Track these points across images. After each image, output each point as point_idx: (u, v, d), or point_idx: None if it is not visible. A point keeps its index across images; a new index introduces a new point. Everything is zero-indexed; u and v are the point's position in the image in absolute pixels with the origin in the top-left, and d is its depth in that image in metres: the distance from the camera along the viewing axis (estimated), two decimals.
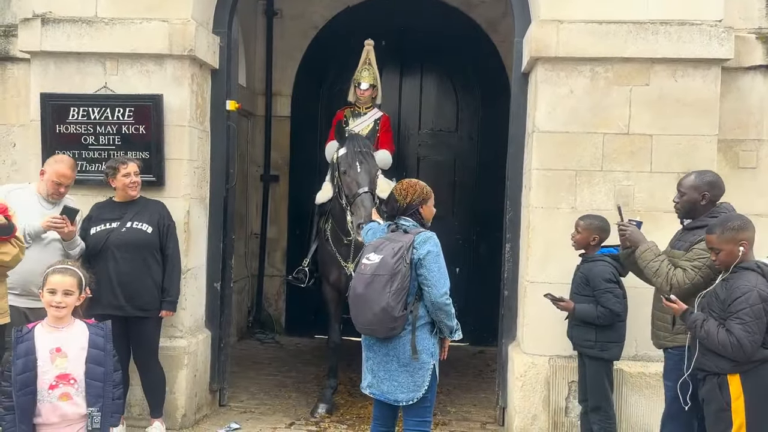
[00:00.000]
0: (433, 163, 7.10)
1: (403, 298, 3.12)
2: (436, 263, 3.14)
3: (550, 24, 4.13)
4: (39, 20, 4.39)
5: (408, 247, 3.14)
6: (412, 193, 3.32)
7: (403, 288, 3.11)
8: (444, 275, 3.17)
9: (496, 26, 6.86)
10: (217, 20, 4.71)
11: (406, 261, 3.12)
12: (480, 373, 6.02)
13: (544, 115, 4.19)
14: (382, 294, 3.10)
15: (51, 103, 4.39)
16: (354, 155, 4.61)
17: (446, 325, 3.23)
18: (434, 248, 3.16)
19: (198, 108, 4.57)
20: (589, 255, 3.82)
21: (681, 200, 3.40)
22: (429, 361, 3.19)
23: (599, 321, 3.68)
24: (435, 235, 3.23)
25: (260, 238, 7.22)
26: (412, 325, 3.16)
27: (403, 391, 3.18)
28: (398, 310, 3.10)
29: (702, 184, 3.33)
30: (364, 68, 5.55)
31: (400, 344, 3.17)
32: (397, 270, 3.10)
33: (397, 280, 3.10)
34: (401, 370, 3.18)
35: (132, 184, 4.04)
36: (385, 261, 3.13)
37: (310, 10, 7.10)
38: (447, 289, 3.15)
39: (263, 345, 6.79)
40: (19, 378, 2.74)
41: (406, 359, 3.16)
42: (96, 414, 2.80)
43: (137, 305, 3.96)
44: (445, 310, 3.17)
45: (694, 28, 4.07)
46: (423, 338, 3.18)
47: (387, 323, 3.13)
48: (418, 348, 3.14)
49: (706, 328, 2.93)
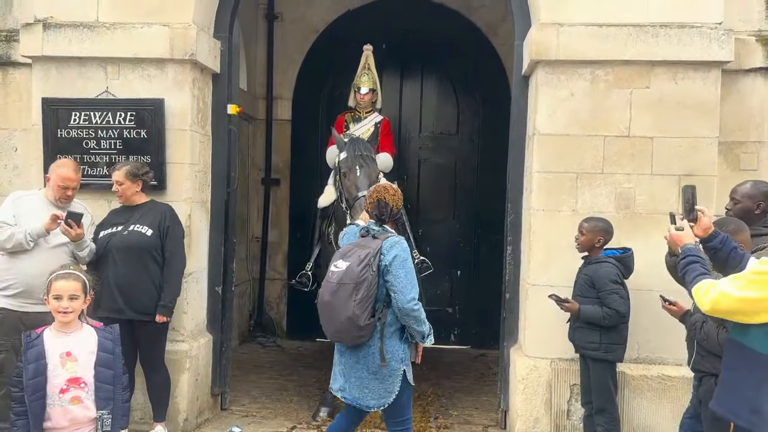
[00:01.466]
0: (434, 166, 7.10)
1: (369, 307, 3.11)
2: (402, 269, 3.11)
3: (550, 27, 4.14)
4: (40, 25, 4.41)
5: (375, 254, 3.13)
6: (400, 197, 3.36)
7: (369, 297, 3.10)
8: (411, 281, 3.13)
9: (497, 29, 6.88)
10: (218, 24, 4.72)
11: (372, 268, 3.11)
12: (482, 376, 6.01)
13: (544, 117, 4.20)
14: (347, 303, 3.10)
15: (52, 107, 4.41)
16: (354, 159, 4.62)
17: (416, 331, 3.19)
18: (401, 253, 3.14)
19: (199, 112, 4.58)
20: (593, 257, 3.82)
21: (734, 208, 3.37)
22: (399, 367, 3.18)
23: (605, 322, 3.68)
24: (403, 239, 3.23)
25: (261, 241, 7.22)
26: (380, 332, 3.15)
27: (374, 398, 3.19)
28: (363, 319, 3.10)
29: (758, 193, 3.33)
30: (363, 73, 5.58)
31: (369, 352, 3.17)
32: (363, 278, 3.09)
33: (363, 288, 3.09)
34: (371, 377, 3.17)
35: (116, 192, 4.05)
36: (351, 269, 3.13)
37: (310, 13, 7.11)
38: (415, 295, 3.11)
39: (264, 348, 6.79)
40: (31, 383, 2.76)
41: (375, 366, 3.16)
42: (107, 417, 2.83)
43: (136, 308, 3.95)
44: (413, 315, 3.13)
45: (694, 30, 4.08)
46: (392, 345, 3.17)
47: (353, 332, 3.13)
48: (386, 356, 3.13)
49: (705, 329, 2.94)
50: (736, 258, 2.70)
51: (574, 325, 3.85)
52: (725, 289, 2.39)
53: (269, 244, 7.23)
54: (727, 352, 2.57)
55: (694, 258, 2.65)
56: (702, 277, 2.55)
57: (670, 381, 4.08)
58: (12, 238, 3.74)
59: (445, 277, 6.95)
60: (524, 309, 4.33)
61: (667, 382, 4.09)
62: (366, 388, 3.19)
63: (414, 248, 5.48)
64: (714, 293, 2.42)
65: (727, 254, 2.73)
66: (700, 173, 4.10)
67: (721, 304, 2.41)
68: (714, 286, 2.45)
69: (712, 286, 2.46)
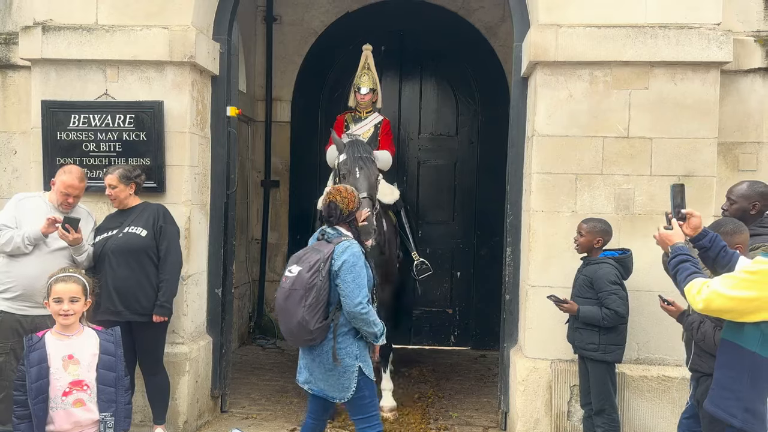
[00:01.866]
0: (433, 167, 7.11)
1: (319, 311, 3.19)
2: (350, 273, 3.16)
3: (549, 28, 4.14)
4: (40, 28, 4.41)
5: (326, 259, 3.20)
6: (352, 200, 3.37)
7: (319, 302, 3.18)
8: (359, 285, 3.16)
9: (496, 31, 6.89)
10: (217, 27, 4.73)
11: (322, 274, 3.18)
12: (482, 377, 6.01)
13: (543, 119, 4.20)
14: (297, 308, 3.18)
15: (52, 110, 4.41)
16: (354, 161, 4.62)
17: (367, 333, 3.26)
18: (351, 258, 3.18)
19: (198, 114, 4.58)
20: (593, 258, 3.83)
21: (730, 208, 3.39)
22: (353, 364, 3.26)
23: (604, 323, 3.69)
24: (355, 244, 3.26)
25: (261, 243, 7.22)
26: (333, 332, 3.23)
27: (335, 391, 3.29)
28: (313, 324, 3.18)
29: (754, 193, 3.34)
30: (363, 73, 5.58)
31: (323, 351, 3.26)
32: (312, 284, 3.17)
33: (312, 294, 3.17)
34: (328, 374, 3.28)
35: (109, 196, 4.05)
36: (301, 275, 3.21)
37: (309, 15, 7.12)
38: (362, 299, 3.15)
39: (264, 350, 6.79)
40: (34, 386, 2.77)
41: (330, 365, 3.25)
42: (109, 419, 2.83)
43: (134, 310, 3.94)
44: (361, 318, 3.19)
45: (693, 31, 4.08)
46: (345, 343, 3.24)
47: (303, 335, 3.23)
48: (339, 354, 3.22)
49: (702, 330, 2.94)
50: (726, 257, 2.71)
51: (573, 326, 3.85)
52: (718, 288, 2.40)
53: (269, 246, 7.23)
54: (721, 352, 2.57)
55: (684, 257, 2.65)
56: (694, 275, 2.55)
57: (670, 382, 4.08)
58: (11, 242, 3.75)
59: (444, 278, 6.96)
60: (524, 310, 4.33)
61: (667, 383, 4.09)
62: (326, 382, 3.31)
63: (414, 250, 5.49)
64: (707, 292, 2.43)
65: (716, 253, 2.74)
66: (699, 174, 4.11)
67: (714, 303, 2.42)
68: (706, 285, 2.46)
69: (705, 285, 2.46)
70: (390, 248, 5.16)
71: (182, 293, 4.38)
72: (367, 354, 3.31)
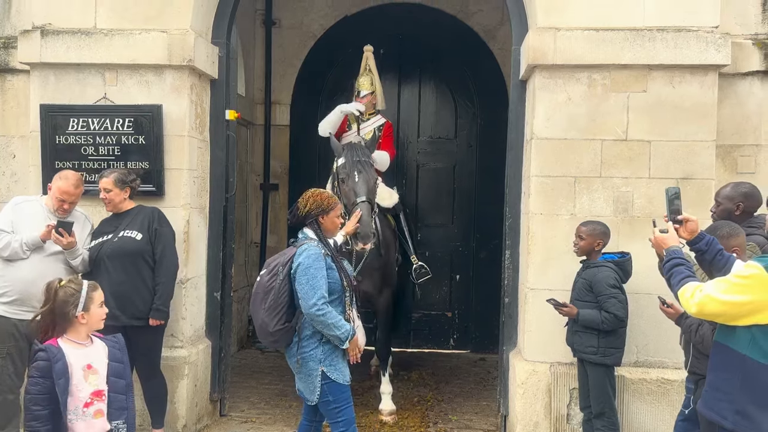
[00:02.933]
0: (433, 171, 7.11)
1: (279, 314, 3.25)
2: (305, 275, 3.19)
3: (547, 32, 4.15)
4: (38, 32, 4.41)
5: (286, 262, 3.28)
6: (311, 202, 3.39)
7: (277, 304, 3.25)
8: (313, 287, 3.18)
9: (494, 34, 6.90)
10: (216, 30, 4.73)
11: (280, 277, 3.25)
12: (481, 380, 6.00)
13: (542, 122, 4.21)
14: (259, 310, 3.29)
15: (50, 114, 4.41)
16: (353, 165, 4.63)
17: (329, 335, 3.25)
18: (305, 260, 3.21)
19: (197, 118, 4.58)
20: (592, 261, 3.83)
21: (717, 210, 3.44)
22: (316, 368, 3.28)
23: (604, 326, 3.69)
24: (313, 246, 3.26)
25: (260, 246, 7.22)
26: (298, 335, 3.29)
27: (307, 393, 3.34)
28: (273, 326, 3.25)
29: (737, 194, 3.39)
30: (363, 75, 5.60)
31: (291, 354, 3.35)
32: (270, 287, 3.27)
33: (270, 297, 3.26)
34: (298, 376, 3.36)
35: (103, 199, 4.04)
36: (262, 278, 3.32)
37: (308, 19, 7.13)
38: (317, 300, 3.16)
39: (263, 354, 6.78)
40: (64, 398, 2.66)
41: (297, 367, 3.32)
42: (122, 427, 2.81)
43: (131, 314, 3.93)
44: (318, 320, 3.20)
45: (691, 34, 4.09)
46: (309, 347, 3.28)
47: (266, 337, 3.32)
48: (303, 357, 3.27)
49: (701, 332, 2.94)
50: (722, 260, 2.72)
51: (572, 329, 3.84)
52: (711, 293, 2.42)
53: (268, 249, 7.22)
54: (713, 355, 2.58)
55: (679, 260, 2.66)
56: (687, 279, 2.57)
57: (669, 384, 4.08)
58: (8, 247, 3.75)
59: (444, 281, 6.95)
60: (523, 313, 4.33)
61: (666, 386, 4.08)
62: (301, 383, 3.37)
63: (413, 253, 5.49)
64: (700, 296, 2.45)
65: (713, 256, 2.75)
66: (697, 176, 4.11)
67: (707, 307, 2.43)
68: (699, 289, 2.47)
69: (698, 289, 2.48)
70: (389, 252, 5.16)
71: (181, 297, 4.37)
72: (336, 358, 3.29)
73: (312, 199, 3.40)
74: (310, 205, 3.38)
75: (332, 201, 3.44)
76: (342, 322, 3.24)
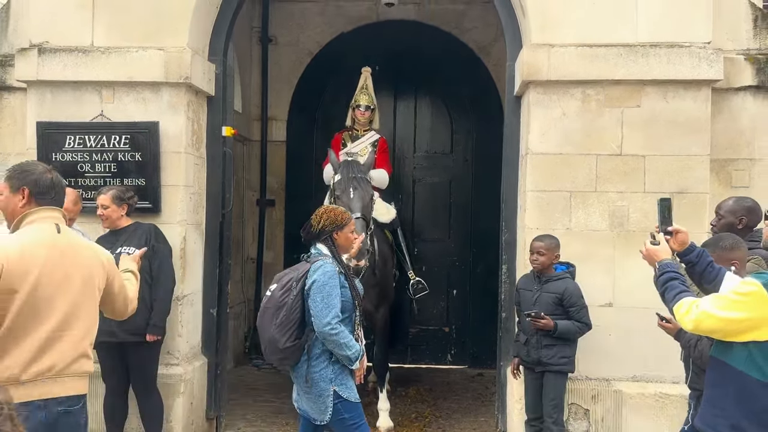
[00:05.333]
0: (429, 185, 7.13)
1: (289, 330, 3.17)
2: (319, 293, 3.12)
3: (541, 48, 4.18)
4: (36, 50, 4.43)
5: (299, 278, 3.20)
6: (325, 219, 3.32)
7: (289, 321, 3.17)
8: (328, 305, 3.11)
9: (489, 50, 6.95)
10: (213, 48, 4.76)
11: (293, 293, 3.17)
12: (479, 396, 5.97)
13: (537, 137, 4.23)
14: (269, 326, 3.20)
15: (47, 131, 4.42)
16: (348, 181, 4.64)
17: (340, 356, 3.18)
18: (320, 278, 3.14)
19: (194, 134, 4.60)
20: (552, 274, 3.89)
21: (719, 223, 3.43)
22: (327, 388, 3.19)
23: (577, 336, 3.81)
24: (328, 263, 3.20)
25: (256, 263, 7.20)
26: (307, 354, 3.20)
27: (315, 413, 3.25)
28: (283, 343, 3.16)
29: (740, 208, 3.38)
30: (361, 92, 5.65)
31: (300, 372, 3.24)
32: (283, 303, 3.18)
33: (282, 313, 3.17)
34: (306, 395, 3.25)
35: (101, 216, 4.03)
36: (274, 294, 3.23)
37: (304, 36, 7.18)
38: (331, 319, 3.10)
39: (260, 371, 6.73)
40: None
41: (306, 386, 3.22)
42: None
43: (128, 330, 3.88)
44: (330, 340, 3.13)
45: (684, 50, 4.13)
46: (319, 366, 3.19)
47: (275, 354, 3.23)
48: (313, 377, 3.18)
49: (699, 348, 2.93)
50: (712, 272, 2.71)
51: (540, 344, 3.84)
52: (708, 309, 2.40)
53: (264, 266, 7.21)
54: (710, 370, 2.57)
55: (672, 274, 2.64)
56: (683, 294, 2.55)
57: (667, 399, 4.07)
58: None
59: (441, 296, 6.94)
60: None
61: (664, 400, 4.07)
62: (307, 403, 3.28)
63: (410, 269, 5.49)
64: (696, 312, 2.43)
65: (703, 268, 2.74)
66: (692, 190, 4.13)
67: (703, 323, 2.42)
68: (696, 304, 2.45)
69: (694, 304, 2.46)
70: (386, 267, 5.15)
71: (177, 313, 4.35)
72: (346, 377, 3.24)
73: (326, 215, 3.34)
74: (324, 222, 3.31)
75: (345, 217, 3.38)
76: (353, 342, 3.19)
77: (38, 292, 2.39)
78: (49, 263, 2.42)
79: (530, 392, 3.95)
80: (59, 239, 2.48)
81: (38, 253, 2.41)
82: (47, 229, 2.47)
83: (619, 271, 4.14)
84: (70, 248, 2.50)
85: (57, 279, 2.43)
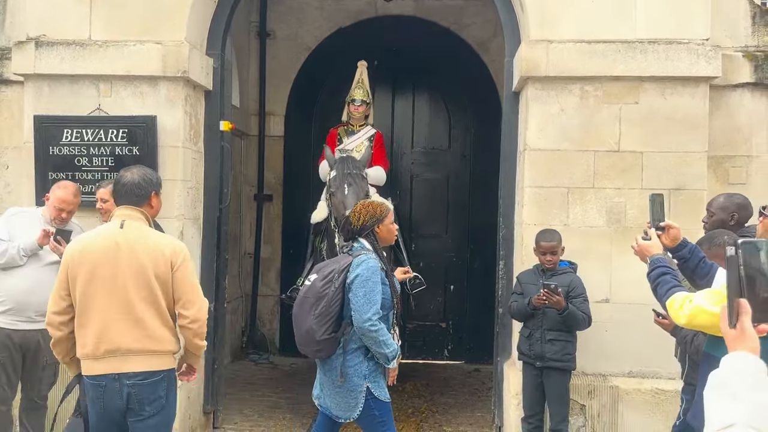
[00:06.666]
0: (427, 181, 7.13)
1: (329, 323, 3.12)
2: (362, 288, 3.09)
3: (539, 44, 4.18)
4: (33, 43, 4.42)
5: (341, 270, 3.16)
6: (365, 214, 3.29)
7: (328, 312, 3.12)
8: (370, 301, 3.09)
9: (487, 46, 6.94)
10: (211, 42, 4.75)
11: (335, 285, 3.13)
12: (476, 391, 5.99)
13: (535, 133, 4.23)
14: (307, 316, 3.15)
15: (44, 125, 4.41)
16: (343, 177, 4.64)
17: (377, 353, 3.15)
18: (364, 272, 3.11)
19: (191, 129, 4.59)
20: (557, 269, 3.91)
21: (710, 220, 3.45)
22: (361, 383, 3.17)
23: (581, 326, 3.82)
24: (372, 258, 3.18)
25: (254, 257, 7.20)
26: (343, 347, 3.16)
27: (341, 410, 3.21)
28: (320, 334, 3.11)
29: (731, 204, 3.41)
30: (357, 87, 5.64)
31: (332, 366, 3.19)
32: (323, 294, 3.13)
33: (322, 303, 3.12)
34: (335, 390, 3.20)
35: (100, 210, 4.02)
36: (315, 284, 3.19)
37: (302, 31, 7.16)
38: (372, 315, 3.07)
39: (257, 365, 6.75)
40: None
41: (338, 381, 3.18)
42: None
43: None
44: (369, 336, 3.10)
45: (682, 46, 4.13)
46: (354, 361, 3.16)
47: (311, 346, 3.17)
48: (347, 371, 3.15)
49: (696, 343, 2.94)
50: (705, 268, 2.72)
51: (544, 338, 3.84)
52: (701, 304, 2.40)
53: (262, 261, 7.21)
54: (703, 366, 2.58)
55: (664, 269, 2.64)
56: (675, 289, 2.55)
57: (663, 395, 4.08)
58: (5, 254, 3.72)
59: (438, 292, 6.95)
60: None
61: (660, 396, 4.09)
62: (333, 399, 3.23)
63: (407, 264, 5.49)
64: (690, 308, 2.43)
65: (696, 264, 2.74)
66: (689, 187, 4.14)
67: (697, 318, 2.42)
68: (689, 300, 2.45)
69: (687, 299, 2.46)
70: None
71: None
72: (379, 375, 3.21)
73: (364, 210, 3.31)
74: (364, 217, 3.27)
75: (384, 209, 3.34)
76: (391, 341, 3.16)
77: (95, 280, 2.78)
78: (104, 256, 2.80)
79: (528, 389, 3.94)
80: (119, 234, 2.84)
81: (96, 246, 2.83)
82: (111, 226, 2.89)
83: (616, 267, 4.15)
84: (126, 243, 2.82)
85: (111, 269, 2.79)
